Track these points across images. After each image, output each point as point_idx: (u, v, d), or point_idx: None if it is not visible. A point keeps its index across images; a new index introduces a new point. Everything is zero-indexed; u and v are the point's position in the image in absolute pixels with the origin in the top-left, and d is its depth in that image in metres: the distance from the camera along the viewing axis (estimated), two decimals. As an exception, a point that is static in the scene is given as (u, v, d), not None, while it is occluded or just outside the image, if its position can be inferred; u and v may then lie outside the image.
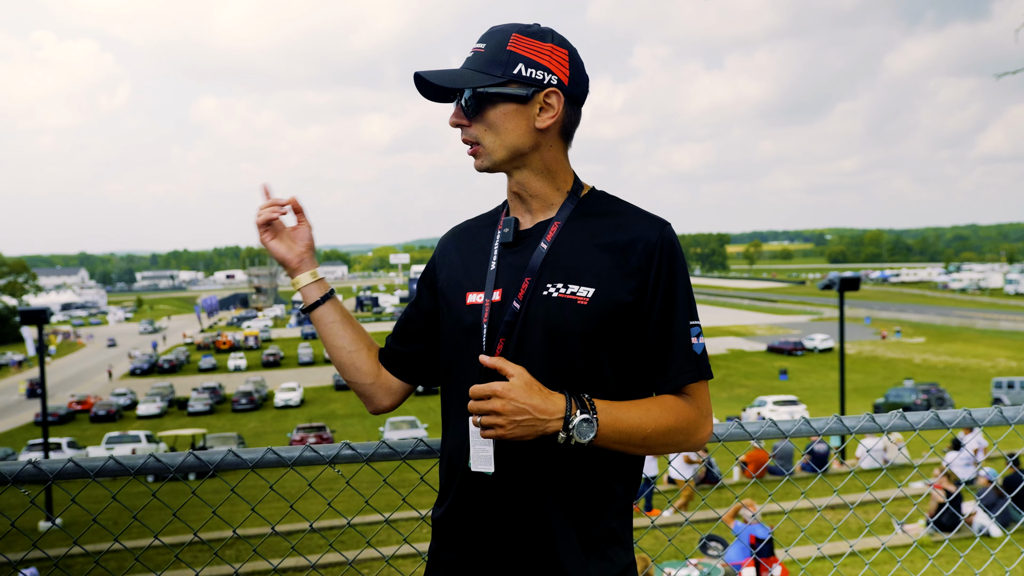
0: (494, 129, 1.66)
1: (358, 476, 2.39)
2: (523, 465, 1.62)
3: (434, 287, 1.84)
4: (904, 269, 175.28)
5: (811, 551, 8.56)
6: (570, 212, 1.72)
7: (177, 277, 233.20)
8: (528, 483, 1.62)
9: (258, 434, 38.79)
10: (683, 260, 1.68)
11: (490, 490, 1.65)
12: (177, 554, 2.25)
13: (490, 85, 1.62)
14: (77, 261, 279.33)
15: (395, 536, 11.40)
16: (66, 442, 31.79)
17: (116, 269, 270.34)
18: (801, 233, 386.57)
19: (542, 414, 1.52)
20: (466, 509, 1.68)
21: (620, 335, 1.63)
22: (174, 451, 7.55)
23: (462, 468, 1.69)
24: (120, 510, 14.73)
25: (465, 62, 1.68)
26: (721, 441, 2.39)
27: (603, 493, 1.66)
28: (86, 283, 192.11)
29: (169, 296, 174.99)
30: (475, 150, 1.69)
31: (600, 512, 1.65)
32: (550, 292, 1.63)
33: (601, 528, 1.66)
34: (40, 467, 2.10)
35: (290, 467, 2.19)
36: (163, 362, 67.20)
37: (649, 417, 1.60)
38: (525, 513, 1.63)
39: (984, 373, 50.22)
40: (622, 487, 1.68)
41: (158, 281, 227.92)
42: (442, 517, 1.75)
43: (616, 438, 1.57)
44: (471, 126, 1.67)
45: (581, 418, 1.53)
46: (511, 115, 1.65)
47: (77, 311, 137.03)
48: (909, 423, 2.51)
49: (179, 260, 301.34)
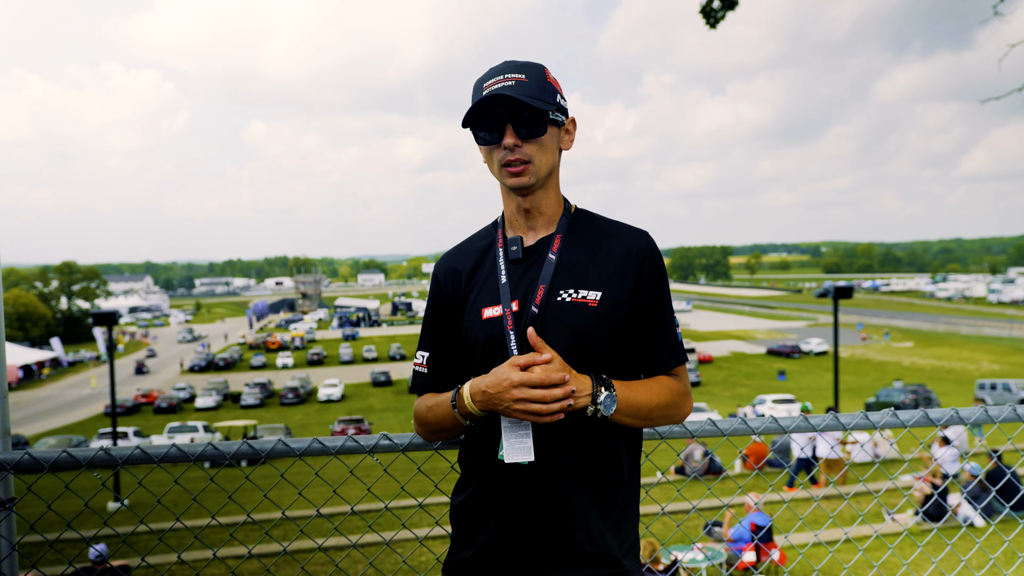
0: (543, 149, 1.70)
1: (394, 464, 2.39)
2: (552, 452, 1.66)
3: (448, 310, 1.81)
4: (894, 279, 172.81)
5: (808, 538, 8.45)
6: (567, 227, 1.77)
7: (232, 283, 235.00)
8: (555, 469, 1.66)
9: (303, 425, 39.00)
10: (663, 264, 1.77)
11: (516, 477, 1.67)
12: (232, 532, 2.27)
13: (550, 110, 1.68)
14: (143, 269, 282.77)
15: (427, 519, 11.40)
16: (132, 431, 32.13)
17: (177, 276, 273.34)
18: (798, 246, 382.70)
19: (575, 391, 1.60)
20: (489, 495, 1.71)
21: (621, 329, 1.71)
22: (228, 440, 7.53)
23: (490, 459, 1.71)
24: (181, 493, 14.86)
25: (514, 88, 1.65)
26: (725, 436, 2.37)
27: (617, 475, 1.72)
28: (150, 289, 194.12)
29: (224, 300, 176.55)
30: (525, 168, 1.69)
31: (614, 493, 1.71)
32: (564, 298, 1.68)
33: (617, 508, 1.71)
34: (111, 453, 2.13)
35: (334, 455, 2.20)
36: (219, 360, 67.85)
37: (652, 394, 1.70)
38: (550, 496, 1.65)
39: (968, 375, 49.37)
40: (628, 467, 1.75)
41: (215, 287, 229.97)
42: (463, 503, 1.76)
43: (629, 412, 1.66)
44: (523, 146, 1.68)
45: (606, 394, 1.62)
46: (553, 138, 1.72)
47: (143, 314, 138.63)
48: (900, 421, 2.47)
49: (233, 268, 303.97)
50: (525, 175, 1.69)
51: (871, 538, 2.62)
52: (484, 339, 1.71)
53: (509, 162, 1.68)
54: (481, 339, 1.71)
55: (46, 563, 10.27)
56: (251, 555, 9.45)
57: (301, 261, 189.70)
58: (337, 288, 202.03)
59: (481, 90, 1.68)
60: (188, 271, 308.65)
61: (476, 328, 1.73)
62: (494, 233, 1.82)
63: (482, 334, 1.71)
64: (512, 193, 1.75)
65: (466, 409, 1.69)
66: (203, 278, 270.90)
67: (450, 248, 1.89)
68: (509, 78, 1.66)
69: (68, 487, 2.18)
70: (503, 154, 1.68)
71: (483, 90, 1.68)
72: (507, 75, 1.67)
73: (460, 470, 1.83)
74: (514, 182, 1.69)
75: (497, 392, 1.60)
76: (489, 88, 1.66)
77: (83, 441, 31.16)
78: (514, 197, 1.75)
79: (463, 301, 1.78)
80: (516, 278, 1.72)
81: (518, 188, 1.71)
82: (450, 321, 1.80)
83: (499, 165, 1.70)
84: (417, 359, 1.88)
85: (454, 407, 1.72)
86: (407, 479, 2.40)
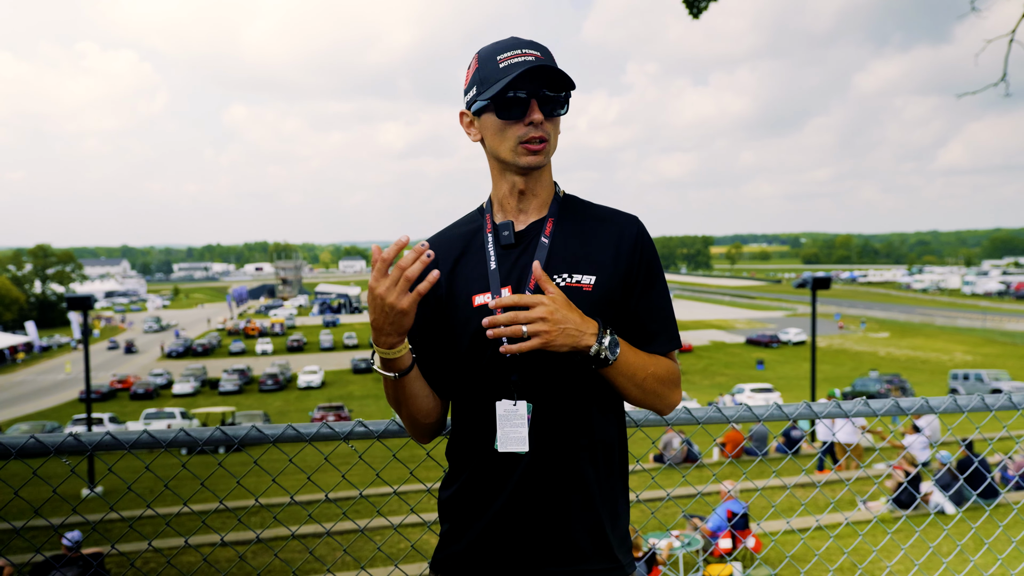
0: (557, 128, 1.68)
1: (370, 452, 2.38)
2: (547, 443, 1.62)
3: (430, 298, 1.73)
4: (871, 270, 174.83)
5: (781, 525, 8.56)
6: (557, 210, 1.73)
7: (210, 269, 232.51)
8: (551, 459, 1.62)
9: (282, 412, 38.84)
10: (655, 248, 1.75)
11: (510, 468, 1.62)
12: (204, 520, 2.25)
13: (572, 89, 1.66)
14: (119, 253, 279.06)
15: (403, 507, 11.41)
16: (107, 417, 31.81)
17: (155, 261, 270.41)
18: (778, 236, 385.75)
19: (581, 327, 1.55)
20: (481, 488, 1.66)
21: (616, 312, 1.68)
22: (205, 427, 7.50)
23: (481, 450, 1.65)
24: (154, 480, 14.75)
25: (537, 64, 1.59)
26: (700, 424, 2.38)
27: (610, 466, 1.69)
28: (127, 273, 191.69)
29: (203, 286, 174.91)
30: (543, 147, 1.64)
31: (610, 484, 1.68)
32: (557, 282, 1.64)
33: (612, 500, 1.69)
34: (80, 439, 2.10)
35: (308, 442, 2.19)
36: (197, 346, 67.27)
37: (650, 361, 1.67)
38: (545, 488, 1.61)
39: (942, 366, 50.14)
40: (619, 457, 1.72)
41: (193, 272, 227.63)
42: (453, 496, 1.71)
43: (626, 370, 1.62)
44: (544, 123, 1.63)
45: (611, 338, 1.58)
46: (561, 119, 1.70)
47: (119, 299, 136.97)
48: (871, 409, 2.50)
49: (212, 253, 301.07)
50: (541, 154, 1.64)
51: (842, 525, 2.66)
52: (475, 328, 1.65)
53: (532, 139, 1.62)
54: (472, 328, 1.66)
55: (17, 551, 10.17)
56: (224, 543, 9.41)
57: (281, 247, 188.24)
58: (318, 274, 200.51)
59: (497, 63, 1.61)
60: (166, 255, 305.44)
61: (466, 317, 1.67)
62: (480, 219, 1.77)
63: (474, 323, 1.65)
64: (510, 173, 1.69)
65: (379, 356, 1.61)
66: (181, 263, 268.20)
67: (433, 234, 1.83)
68: (528, 53, 1.61)
69: (36, 473, 2.15)
70: (525, 131, 1.62)
71: (500, 63, 1.61)
72: (524, 50, 1.61)
73: (448, 463, 1.78)
74: (530, 160, 1.64)
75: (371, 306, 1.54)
76: (508, 61, 1.60)
77: (56, 427, 30.84)
78: (510, 177, 1.70)
79: (449, 289, 1.71)
80: (508, 264, 1.68)
81: (530, 168, 1.66)
82: (433, 310, 1.73)
83: (517, 142, 1.63)
84: None
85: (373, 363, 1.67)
86: (382, 467, 2.40)
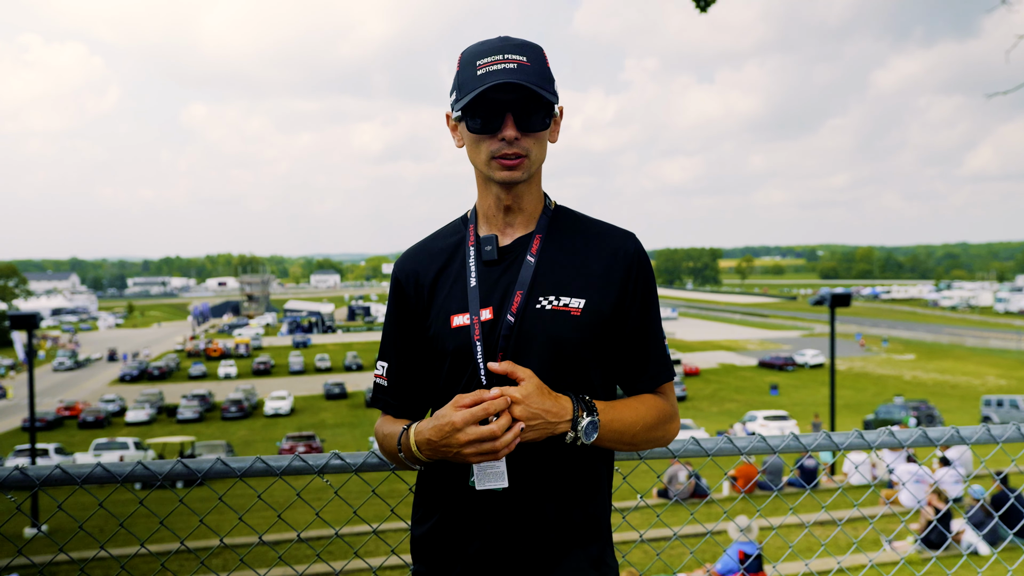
0: (540, 143, 1.68)
1: (347, 486, 2.37)
2: (528, 479, 1.63)
3: (411, 315, 1.77)
4: (895, 286, 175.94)
5: (799, 567, 8.55)
6: (547, 226, 1.74)
7: (169, 283, 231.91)
8: (531, 496, 1.63)
9: (247, 442, 38.59)
10: (652, 268, 1.76)
11: (488, 505, 1.64)
12: (163, 563, 2.24)
13: (555, 103, 1.66)
14: (68, 266, 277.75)
15: (383, 547, 11.33)
16: (53, 448, 31.51)
17: (107, 275, 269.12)
18: (793, 249, 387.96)
19: (554, 417, 1.57)
20: (456, 526, 1.67)
21: (606, 340, 1.69)
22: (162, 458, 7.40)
23: (456, 486, 1.67)
24: (107, 517, 14.60)
25: (518, 73, 1.60)
26: (710, 456, 2.39)
27: (595, 499, 1.71)
28: (77, 288, 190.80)
29: (160, 302, 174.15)
30: (520, 162, 1.65)
31: (596, 519, 1.70)
32: (543, 305, 1.65)
33: (599, 536, 1.70)
34: (27, 473, 2.09)
35: (279, 476, 2.19)
36: (153, 369, 66.82)
37: (638, 415, 1.68)
38: (526, 526, 1.63)
39: (974, 391, 50.37)
40: (606, 489, 1.74)
41: (149, 287, 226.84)
42: (427, 536, 1.73)
43: (611, 437, 1.64)
44: (522, 139, 1.64)
45: (588, 420, 1.59)
46: (548, 130, 1.69)
47: (67, 316, 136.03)
48: (897, 440, 2.51)
49: (171, 266, 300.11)
50: (519, 170, 1.65)
51: (866, 567, 2.67)
52: (453, 350, 1.67)
53: (505, 155, 1.63)
54: (450, 350, 1.68)
55: (-48, 597, 10.03)
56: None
57: (247, 259, 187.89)
58: (287, 290, 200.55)
59: (475, 68, 1.62)
60: (120, 269, 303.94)
61: (444, 337, 1.69)
62: (464, 230, 1.78)
63: (451, 344, 1.67)
64: (493, 186, 1.70)
65: (415, 456, 1.65)
66: (136, 277, 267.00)
67: (412, 245, 1.84)
68: (510, 60, 1.60)
69: (-23, 511, 2.13)
70: (498, 146, 1.63)
71: (478, 69, 1.61)
72: (507, 55, 1.61)
73: (417, 496, 1.79)
74: (505, 176, 1.65)
75: (442, 440, 1.55)
76: (487, 68, 1.60)
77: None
78: (494, 191, 1.71)
79: (427, 306, 1.73)
80: (489, 282, 1.69)
81: (507, 183, 1.67)
82: (414, 328, 1.76)
83: (489, 156, 1.64)
84: (377, 370, 1.85)
85: (400, 452, 1.68)
86: (360, 503, 2.39)
